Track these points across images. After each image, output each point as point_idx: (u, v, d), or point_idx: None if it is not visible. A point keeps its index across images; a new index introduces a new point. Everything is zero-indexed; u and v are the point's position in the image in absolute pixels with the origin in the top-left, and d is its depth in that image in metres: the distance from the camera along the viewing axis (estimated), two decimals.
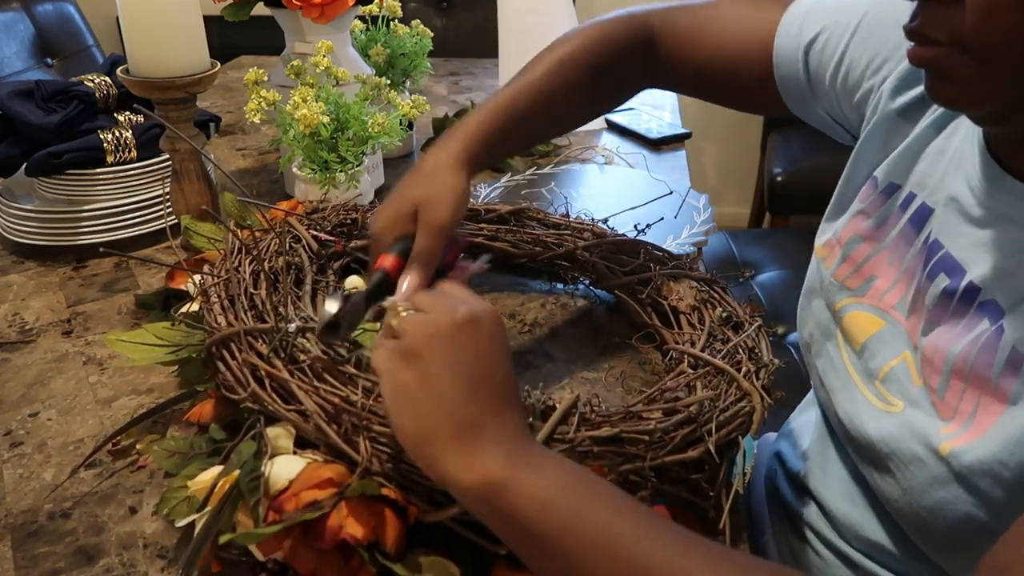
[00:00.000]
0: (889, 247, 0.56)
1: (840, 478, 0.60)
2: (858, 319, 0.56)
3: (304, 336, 0.54)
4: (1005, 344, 0.44)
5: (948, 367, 0.47)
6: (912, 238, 0.54)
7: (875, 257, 0.57)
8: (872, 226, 0.57)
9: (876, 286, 0.56)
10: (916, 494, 0.48)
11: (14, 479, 0.58)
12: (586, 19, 0.74)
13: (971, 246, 0.48)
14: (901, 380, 0.51)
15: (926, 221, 0.53)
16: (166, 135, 0.83)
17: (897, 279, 0.55)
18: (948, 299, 0.49)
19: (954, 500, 0.45)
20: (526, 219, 0.82)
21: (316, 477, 0.45)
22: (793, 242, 1.70)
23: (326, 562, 0.44)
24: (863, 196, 0.58)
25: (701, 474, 0.51)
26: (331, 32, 0.98)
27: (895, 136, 0.57)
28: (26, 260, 0.88)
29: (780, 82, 0.66)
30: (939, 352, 0.48)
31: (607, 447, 0.47)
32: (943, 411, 0.48)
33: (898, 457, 0.49)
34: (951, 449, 0.45)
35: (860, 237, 0.58)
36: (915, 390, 0.50)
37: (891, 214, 0.56)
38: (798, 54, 0.64)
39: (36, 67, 1.74)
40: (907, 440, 0.49)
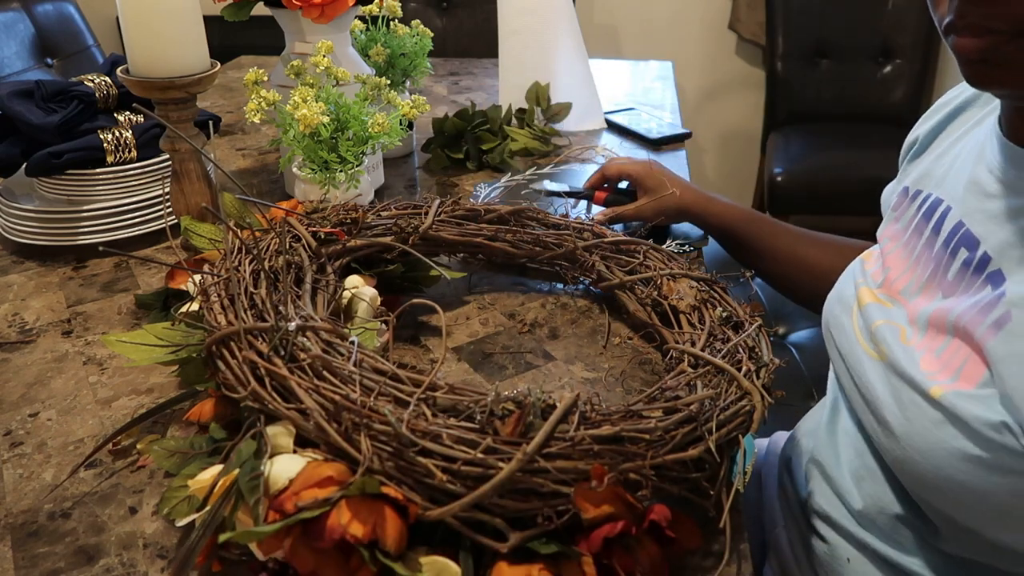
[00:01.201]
0: (905, 243, 0.61)
1: (849, 456, 0.62)
2: (870, 293, 0.61)
3: (304, 335, 0.54)
4: (1001, 306, 0.47)
5: (949, 328, 0.50)
6: (924, 229, 0.59)
7: (893, 253, 0.62)
8: (899, 228, 0.64)
9: (889, 277, 0.60)
10: (911, 437, 0.50)
11: (14, 479, 0.58)
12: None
13: (987, 220, 0.52)
14: (888, 335, 0.55)
15: (936, 210, 0.58)
16: (166, 135, 0.83)
17: (905, 269, 0.59)
18: (965, 270, 0.52)
19: (949, 438, 0.47)
20: (526, 219, 0.82)
21: (316, 476, 0.45)
22: None
23: (326, 561, 0.44)
24: (896, 204, 0.66)
25: (701, 473, 0.51)
26: (331, 32, 0.98)
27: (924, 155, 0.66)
28: (26, 260, 0.88)
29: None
30: (942, 317, 0.52)
31: (607, 446, 0.47)
32: (929, 364, 0.51)
33: (896, 403, 0.52)
34: (943, 393, 0.48)
35: (888, 238, 0.64)
36: (900, 346, 0.54)
37: (911, 214, 0.62)
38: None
39: (36, 67, 1.74)
40: (900, 386, 0.52)
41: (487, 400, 0.48)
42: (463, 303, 0.80)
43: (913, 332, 0.55)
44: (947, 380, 0.49)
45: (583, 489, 0.45)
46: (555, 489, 0.45)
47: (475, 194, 1.03)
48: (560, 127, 1.27)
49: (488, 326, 0.76)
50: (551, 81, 1.26)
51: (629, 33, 2.56)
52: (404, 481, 0.46)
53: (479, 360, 0.71)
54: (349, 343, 0.54)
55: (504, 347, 0.73)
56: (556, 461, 0.46)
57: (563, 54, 1.27)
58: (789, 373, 1.32)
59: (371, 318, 0.66)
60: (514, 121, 1.22)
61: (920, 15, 2.27)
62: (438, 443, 0.46)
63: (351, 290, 0.67)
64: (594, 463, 0.46)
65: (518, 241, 0.79)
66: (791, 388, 1.34)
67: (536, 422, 0.47)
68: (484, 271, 0.85)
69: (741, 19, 2.48)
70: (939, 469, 0.48)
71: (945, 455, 0.47)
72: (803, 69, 2.34)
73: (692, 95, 2.62)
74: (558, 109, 1.25)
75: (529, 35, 1.24)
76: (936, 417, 0.48)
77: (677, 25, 2.55)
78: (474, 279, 0.84)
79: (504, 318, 0.77)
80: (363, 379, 0.50)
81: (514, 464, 0.44)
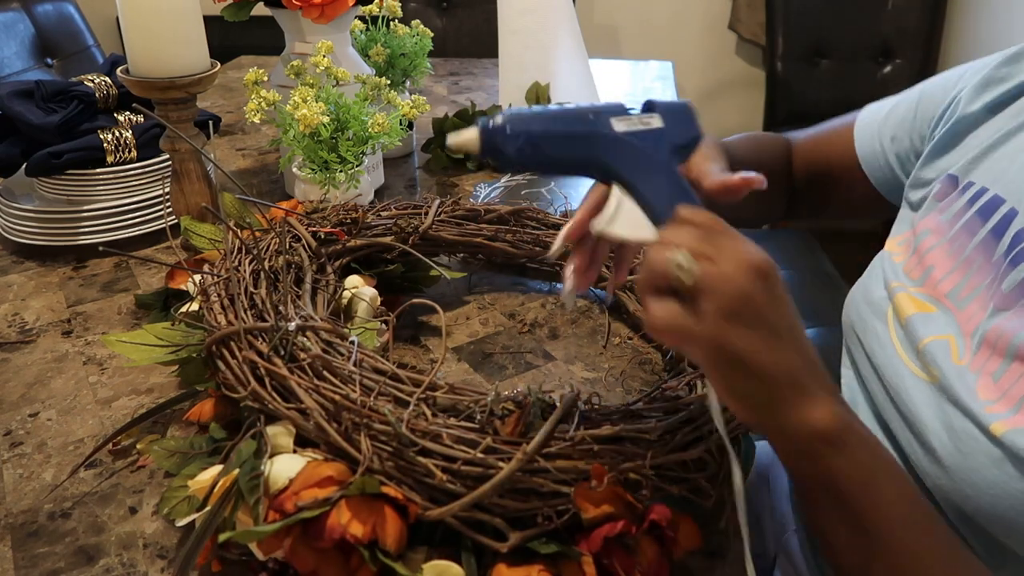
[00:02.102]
0: (951, 238, 0.57)
1: None
2: (909, 299, 0.57)
3: (304, 335, 0.54)
4: None
5: (1012, 351, 0.47)
6: (977, 228, 0.54)
7: (937, 248, 0.57)
8: (943, 220, 0.58)
9: (932, 275, 0.56)
10: (964, 471, 0.47)
11: (14, 479, 0.58)
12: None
13: None
14: (939, 354, 0.52)
15: (995, 210, 0.53)
16: (166, 135, 0.83)
17: (952, 269, 0.55)
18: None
19: (1009, 479, 0.44)
20: (525, 219, 0.82)
21: (316, 475, 0.45)
22: (793, 242, 1.70)
23: (326, 561, 0.44)
24: (940, 194, 0.59)
25: (701, 473, 0.51)
26: (331, 32, 0.98)
27: (973, 136, 0.59)
28: (26, 260, 0.88)
29: (864, 163, 0.71)
30: (1004, 337, 0.48)
31: (607, 446, 0.47)
32: (987, 392, 0.47)
33: (947, 432, 0.49)
34: (1005, 431, 0.45)
35: (929, 230, 0.59)
36: (953, 366, 0.50)
37: (960, 208, 0.57)
38: (879, 134, 0.70)
39: (36, 67, 1.74)
40: (954, 415, 0.49)
41: (487, 400, 0.48)
42: (463, 303, 0.80)
43: (965, 348, 0.51)
44: (1008, 412, 0.45)
45: (583, 489, 0.45)
46: (555, 489, 0.45)
47: (475, 194, 1.03)
48: None
49: (488, 326, 0.76)
50: (551, 81, 1.26)
51: (629, 33, 2.56)
52: (404, 481, 0.46)
53: (479, 360, 0.71)
54: (349, 343, 0.54)
55: (504, 347, 0.73)
56: (556, 461, 0.46)
57: (563, 54, 1.26)
58: None
59: (371, 318, 0.66)
60: None
61: (920, 15, 2.27)
62: (438, 443, 0.46)
63: (351, 290, 0.67)
64: (594, 463, 0.46)
65: (518, 241, 0.79)
66: None
67: (536, 422, 0.47)
68: (484, 271, 0.85)
69: (741, 19, 2.48)
70: (994, 506, 0.46)
71: (1004, 495, 0.45)
72: (803, 69, 2.34)
73: (692, 95, 2.62)
74: None
75: (529, 35, 1.24)
76: (996, 455, 0.45)
77: (677, 25, 2.56)
78: (474, 279, 0.84)
79: (504, 318, 0.77)
80: (363, 379, 0.50)
81: (514, 464, 0.44)
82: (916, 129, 0.66)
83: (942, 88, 0.65)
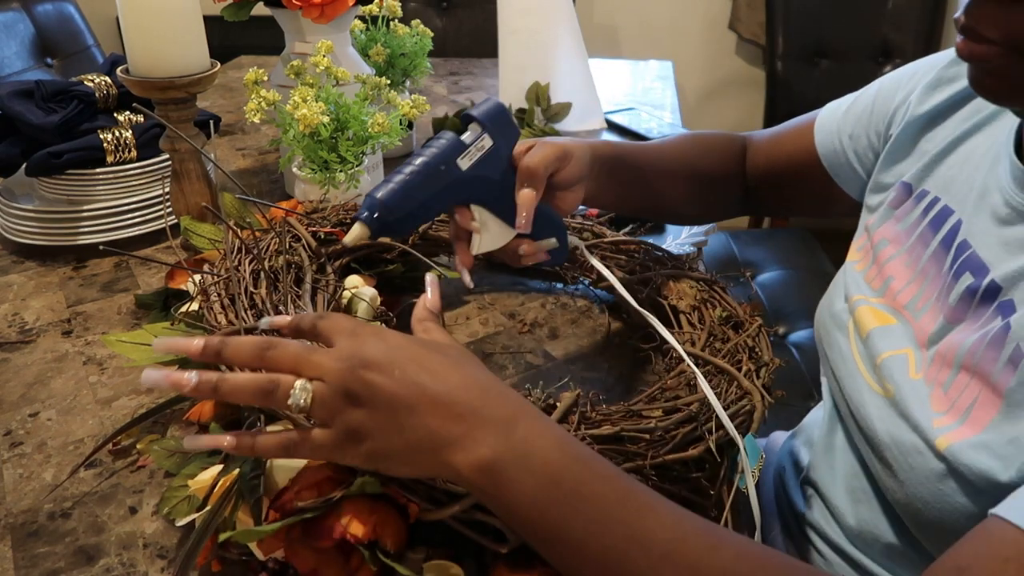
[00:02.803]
0: (908, 249, 0.57)
1: (845, 473, 0.60)
2: (870, 312, 0.57)
3: None
4: (1011, 340, 0.44)
5: (959, 361, 0.48)
6: (929, 239, 0.55)
7: (896, 259, 0.58)
8: (900, 230, 0.59)
9: (891, 286, 0.57)
10: (913, 485, 0.48)
11: (14, 479, 0.58)
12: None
13: (997, 245, 0.49)
14: (896, 369, 0.52)
15: (945, 221, 0.54)
16: (166, 135, 0.83)
17: (911, 280, 0.56)
18: (970, 297, 0.49)
19: (951, 493, 0.45)
20: None
21: (317, 475, 0.45)
22: (793, 242, 1.70)
23: (326, 561, 0.44)
24: (895, 201, 0.60)
25: (702, 472, 0.51)
26: (331, 32, 0.98)
27: (926, 140, 0.59)
28: (26, 260, 0.88)
29: (826, 160, 0.71)
30: (952, 349, 0.48)
31: (608, 445, 0.47)
32: (939, 403, 0.48)
33: (896, 447, 0.50)
34: (948, 445, 0.45)
35: (887, 240, 0.60)
36: (909, 381, 0.51)
37: (915, 218, 0.58)
38: (838, 131, 0.69)
39: (36, 67, 1.74)
40: (903, 430, 0.49)
41: None
42: (463, 303, 0.80)
43: (922, 360, 0.51)
44: (955, 423, 0.46)
45: None
46: None
47: None
48: (560, 127, 1.27)
49: (488, 326, 0.76)
50: (551, 81, 1.26)
51: (629, 33, 2.56)
52: (404, 481, 0.46)
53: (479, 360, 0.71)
54: None
55: (504, 347, 0.73)
56: None
57: (563, 54, 1.27)
58: (789, 373, 1.32)
59: (371, 318, 0.66)
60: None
61: (920, 15, 2.27)
62: None
63: (351, 290, 0.67)
64: None
65: None
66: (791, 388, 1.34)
67: None
68: (483, 271, 0.85)
69: (741, 19, 2.48)
70: (942, 520, 0.46)
71: (949, 509, 0.46)
72: (803, 69, 2.34)
73: (692, 95, 2.62)
74: (558, 109, 1.25)
75: (529, 35, 1.24)
76: (939, 469, 0.46)
77: (677, 25, 2.55)
78: (473, 279, 0.84)
79: (504, 318, 0.77)
80: None
81: None
82: (873, 126, 0.66)
83: (896, 85, 0.65)
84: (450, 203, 0.58)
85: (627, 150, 0.72)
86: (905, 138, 0.61)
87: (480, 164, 0.56)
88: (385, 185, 0.53)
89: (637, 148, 0.73)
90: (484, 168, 0.57)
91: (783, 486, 0.70)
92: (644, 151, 0.73)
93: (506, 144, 0.58)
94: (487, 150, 0.57)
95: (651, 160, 0.73)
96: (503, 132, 0.57)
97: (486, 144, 0.57)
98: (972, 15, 0.43)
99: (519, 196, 0.59)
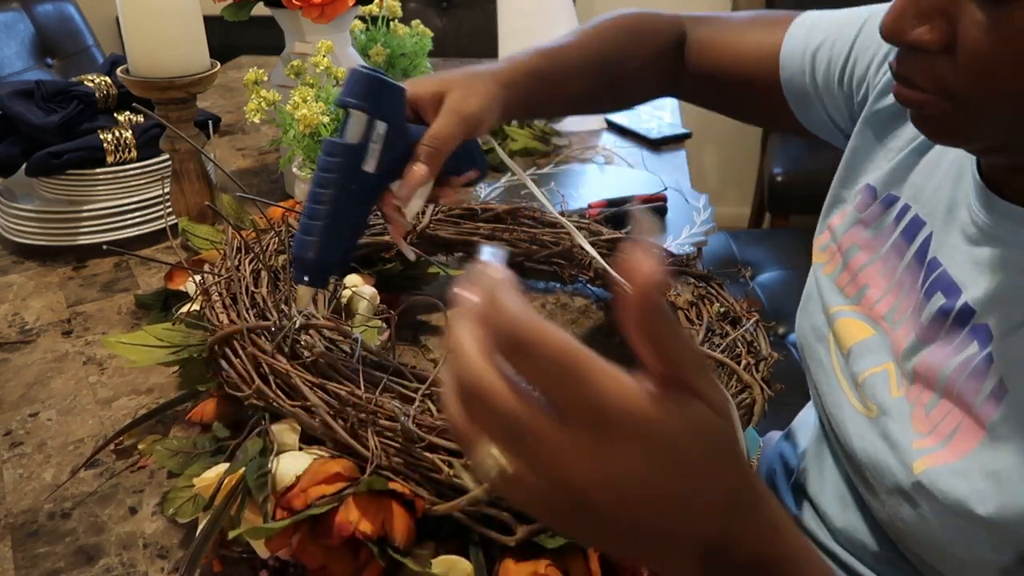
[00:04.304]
0: (883, 257, 0.56)
1: (834, 481, 0.60)
2: (849, 325, 0.56)
3: (307, 332, 0.53)
4: (993, 373, 0.44)
5: (940, 387, 0.47)
6: (904, 250, 0.54)
7: (870, 267, 0.56)
8: (870, 236, 0.57)
9: (868, 295, 0.56)
10: (893, 506, 0.48)
11: (14, 479, 0.57)
12: (586, 19, 0.74)
13: (968, 265, 0.47)
14: (879, 388, 0.51)
15: (918, 233, 0.53)
16: (166, 135, 0.83)
17: (887, 289, 0.55)
18: (943, 318, 0.48)
19: (930, 516, 0.45)
20: (522, 218, 0.82)
21: (324, 472, 0.45)
22: (793, 242, 1.70)
23: (335, 557, 0.44)
24: (861, 205, 0.58)
25: None
26: (331, 32, 0.98)
27: (891, 138, 0.57)
28: (26, 260, 0.88)
29: (785, 85, 0.66)
30: (932, 371, 0.48)
31: None
32: (920, 423, 0.47)
33: (875, 468, 0.49)
34: (925, 469, 0.45)
35: (858, 247, 0.58)
36: (892, 400, 0.50)
37: (887, 225, 0.56)
38: (805, 57, 0.65)
39: (36, 67, 1.74)
40: (883, 451, 0.49)
41: None
42: None
43: (902, 376, 0.51)
44: (936, 446, 0.46)
45: None
46: None
47: (474, 194, 1.03)
48: (560, 127, 1.27)
49: None
50: None
51: None
52: (411, 476, 0.46)
53: None
54: (352, 340, 0.54)
55: None
56: None
57: None
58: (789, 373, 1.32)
59: (372, 316, 0.66)
60: (514, 121, 1.22)
61: None
62: (444, 438, 0.46)
63: (351, 288, 0.67)
64: None
65: (515, 240, 0.79)
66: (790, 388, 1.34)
67: None
68: None
69: None
70: (918, 543, 0.47)
71: (929, 530, 0.45)
72: None
73: None
74: None
75: (529, 35, 1.24)
76: (915, 493, 0.46)
77: None
78: None
79: None
80: (367, 375, 0.50)
81: None
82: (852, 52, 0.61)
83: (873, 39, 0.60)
84: (373, 204, 0.53)
85: (537, 72, 0.63)
86: (864, 133, 0.59)
87: (384, 153, 0.50)
88: (308, 240, 0.49)
89: (545, 62, 0.64)
90: (390, 153, 0.50)
91: (774, 488, 0.70)
92: (551, 60, 0.65)
93: (396, 109, 0.51)
94: (384, 135, 0.50)
95: (560, 67, 0.66)
96: (388, 101, 0.50)
97: (380, 130, 0.50)
98: (903, 63, 0.42)
99: (410, 173, 0.52)
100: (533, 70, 0.62)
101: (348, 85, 0.50)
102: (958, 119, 0.41)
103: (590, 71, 0.68)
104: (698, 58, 0.73)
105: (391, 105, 0.50)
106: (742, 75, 0.70)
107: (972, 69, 0.38)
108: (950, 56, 0.39)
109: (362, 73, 0.49)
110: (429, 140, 0.52)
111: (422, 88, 0.54)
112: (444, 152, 0.53)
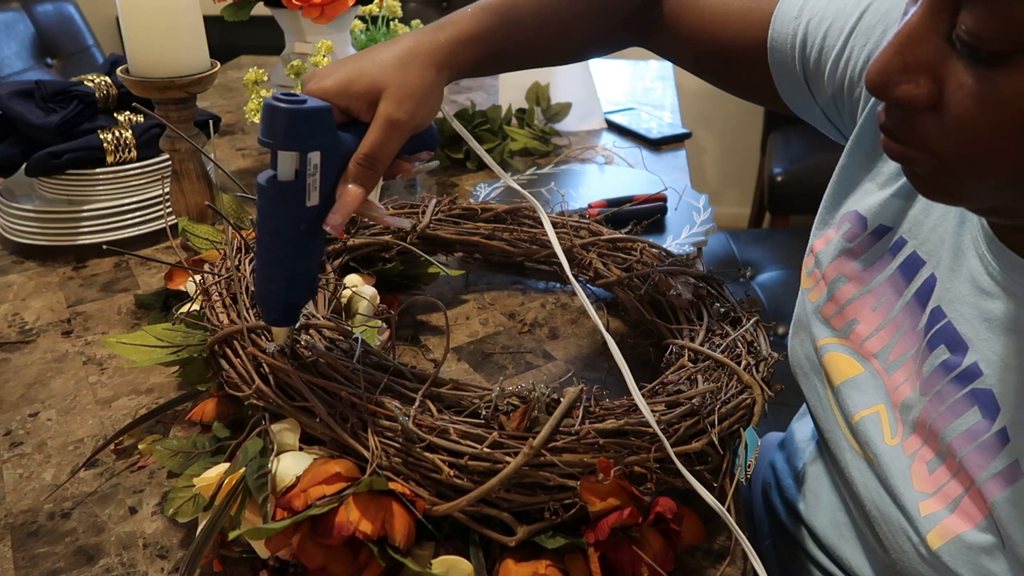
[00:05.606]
0: (875, 291, 0.53)
1: (830, 507, 0.59)
2: (837, 360, 0.54)
3: (307, 332, 0.53)
4: (1007, 454, 0.42)
5: (943, 451, 0.46)
6: (902, 288, 0.51)
7: (859, 300, 0.54)
8: (859, 268, 0.54)
9: (857, 330, 0.53)
10: (905, 566, 0.47)
11: (14, 479, 0.57)
12: None
13: (977, 321, 0.45)
14: (872, 433, 0.50)
15: (917, 272, 0.50)
16: (166, 135, 0.82)
17: (880, 326, 0.52)
18: (944, 372, 0.46)
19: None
20: (522, 218, 0.82)
21: (324, 472, 0.45)
22: (793, 242, 1.70)
23: (335, 557, 0.44)
24: (850, 235, 0.55)
25: (704, 466, 0.50)
26: (331, 32, 0.98)
27: (883, 162, 0.54)
28: (26, 260, 0.88)
29: (774, 68, 0.61)
30: (934, 431, 0.46)
31: (612, 439, 0.47)
32: (923, 482, 0.46)
33: (884, 522, 0.48)
34: (942, 544, 0.44)
35: (846, 278, 0.54)
36: (886, 448, 0.49)
37: (880, 258, 0.53)
38: (795, 41, 0.58)
39: (36, 67, 1.74)
40: (889, 506, 0.48)
41: (492, 396, 0.48)
42: (462, 303, 0.80)
43: (896, 423, 0.49)
44: (943, 510, 0.44)
45: (589, 482, 0.45)
46: (561, 483, 0.45)
47: (475, 194, 1.03)
48: (560, 127, 1.27)
49: (488, 326, 0.76)
50: (551, 81, 1.26)
51: None
52: (411, 477, 0.46)
53: (479, 360, 0.71)
54: (352, 340, 0.54)
55: (504, 347, 0.73)
56: (562, 455, 0.46)
57: None
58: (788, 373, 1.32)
59: (372, 316, 0.66)
60: (514, 121, 1.22)
61: None
62: (444, 438, 0.46)
63: (351, 288, 0.67)
64: (600, 456, 0.46)
65: (515, 240, 0.79)
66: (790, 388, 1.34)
67: (541, 416, 0.47)
68: (483, 270, 0.85)
69: None
70: None
71: None
72: None
73: (692, 94, 2.62)
74: (558, 109, 1.25)
75: None
76: (931, 562, 0.45)
77: None
78: (473, 278, 0.84)
79: (504, 318, 0.77)
80: (367, 376, 0.50)
81: (521, 458, 0.44)
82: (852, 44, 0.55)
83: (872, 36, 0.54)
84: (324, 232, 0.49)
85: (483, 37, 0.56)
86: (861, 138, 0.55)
87: (324, 181, 0.46)
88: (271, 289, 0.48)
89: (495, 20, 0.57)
90: (329, 176, 0.47)
91: (770, 503, 0.69)
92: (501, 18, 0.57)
93: (325, 132, 0.46)
94: (320, 165, 0.46)
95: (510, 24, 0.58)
96: (316, 127, 0.45)
97: (315, 161, 0.45)
98: (890, 117, 0.40)
99: (343, 196, 0.47)
100: (479, 36, 0.55)
101: (267, 124, 0.45)
102: (948, 178, 0.39)
103: (545, 28, 0.60)
104: (677, 18, 0.66)
105: (320, 130, 0.46)
106: (724, 47, 0.63)
107: (958, 132, 0.36)
108: (937, 114, 0.37)
109: (280, 109, 0.44)
110: (362, 159, 0.48)
111: (354, 89, 0.49)
112: (379, 169, 0.48)
